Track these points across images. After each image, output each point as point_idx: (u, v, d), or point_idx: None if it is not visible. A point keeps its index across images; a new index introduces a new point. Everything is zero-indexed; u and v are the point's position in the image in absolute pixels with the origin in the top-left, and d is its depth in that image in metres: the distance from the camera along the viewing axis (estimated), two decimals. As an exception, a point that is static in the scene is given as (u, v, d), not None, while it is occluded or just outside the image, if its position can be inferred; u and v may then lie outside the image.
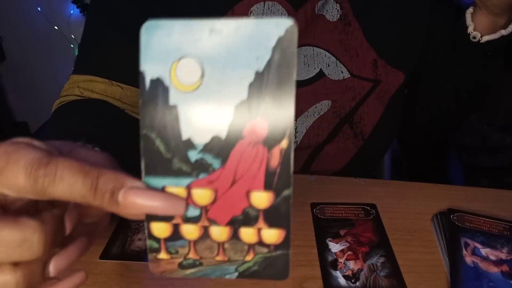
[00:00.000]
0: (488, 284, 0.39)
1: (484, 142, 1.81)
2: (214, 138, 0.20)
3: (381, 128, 0.58)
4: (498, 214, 0.49)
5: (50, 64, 1.79)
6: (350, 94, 0.56)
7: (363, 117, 0.57)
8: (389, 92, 0.58)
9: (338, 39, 0.56)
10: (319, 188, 0.53)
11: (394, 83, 0.58)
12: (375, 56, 0.57)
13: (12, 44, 1.78)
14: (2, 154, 0.21)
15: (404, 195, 0.52)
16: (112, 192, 0.20)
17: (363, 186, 0.53)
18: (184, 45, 0.20)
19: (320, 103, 0.56)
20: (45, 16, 1.69)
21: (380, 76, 0.57)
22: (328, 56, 0.56)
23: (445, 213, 0.48)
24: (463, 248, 0.43)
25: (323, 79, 0.56)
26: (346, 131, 0.57)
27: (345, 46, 0.56)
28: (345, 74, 0.56)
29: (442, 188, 0.54)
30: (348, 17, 0.57)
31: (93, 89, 0.54)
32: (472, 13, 0.51)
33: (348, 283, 0.40)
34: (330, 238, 0.45)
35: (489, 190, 0.53)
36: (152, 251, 0.22)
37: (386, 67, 0.57)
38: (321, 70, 0.56)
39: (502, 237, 0.45)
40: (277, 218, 0.21)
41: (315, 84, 0.56)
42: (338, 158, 0.58)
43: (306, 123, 0.56)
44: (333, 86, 0.56)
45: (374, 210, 0.49)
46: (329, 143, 0.57)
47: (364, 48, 0.57)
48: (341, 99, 0.56)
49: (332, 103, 0.56)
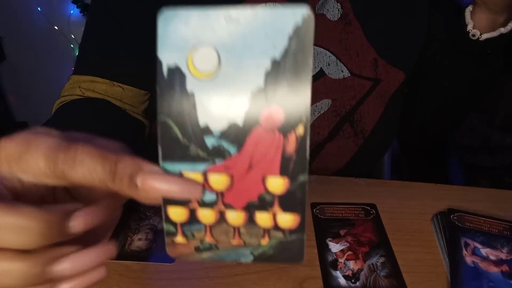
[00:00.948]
0: (488, 284, 0.39)
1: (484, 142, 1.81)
2: (230, 125, 0.21)
3: (381, 126, 0.58)
4: (498, 214, 0.49)
5: (50, 64, 1.79)
6: (351, 93, 0.56)
7: (363, 115, 0.57)
8: (390, 91, 0.58)
9: (339, 39, 0.56)
10: (319, 188, 0.53)
11: (394, 82, 0.58)
12: (375, 56, 0.57)
13: (12, 44, 1.78)
14: (22, 141, 0.22)
15: (404, 195, 0.52)
16: (130, 177, 0.21)
17: (363, 186, 0.53)
18: (201, 33, 0.20)
19: (320, 102, 0.56)
20: (45, 16, 1.69)
21: (381, 75, 0.57)
22: (329, 55, 0.56)
23: (445, 213, 0.48)
24: (463, 248, 0.43)
25: (324, 78, 0.56)
26: (347, 130, 0.57)
27: (345, 46, 0.57)
28: (345, 73, 0.56)
29: (442, 188, 0.54)
30: (349, 17, 0.57)
31: (94, 89, 0.54)
32: (472, 11, 0.51)
33: (348, 283, 0.40)
34: (330, 238, 0.45)
35: (489, 190, 0.53)
36: (169, 235, 0.22)
37: (386, 66, 0.57)
38: (321, 69, 0.56)
39: (502, 237, 0.45)
40: (292, 203, 0.21)
41: (315, 83, 0.56)
42: (339, 157, 0.58)
43: None
44: (333, 85, 0.56)
45: (374, 210, 0.49)
46: (330, 142, 0.57)
47: (364, 48, 0.57)
48: (342, 98, 0.56)
49: (332, 102, 0.56)
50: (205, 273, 0.41)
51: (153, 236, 0.45)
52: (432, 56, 0.59)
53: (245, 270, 0.41)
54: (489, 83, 0.58)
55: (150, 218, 0.48)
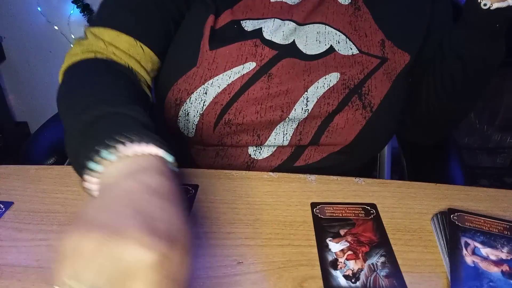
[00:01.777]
0: (488, 284, 0.39)
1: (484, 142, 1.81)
2: None
3: (388, 102, 0.60)
4: (498, 214, 0.49)
5: (50, 64, 1.79)
6: (359, 67, 0.59)
7: (371, 89, 0.59)
8: (396, 70, 0.61)
9: (349, 21, 0.61)
10: (319, 188, 0.53)
11: (400, 62, 0.61)
12: (382, 37, 0.61)
13: (12, 44, 1.78)
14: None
15: (404, 195, 0.52)
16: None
17: (363, 186, 0.53)
18: None
19: (329, 74, 0.58)
20: (45, 16, 1.69)
21: (387, 55, 0.61)
22: (339, 35, 0.60)
23: (445, 213, 0.48)
24: (463, 248, 0.43)
25: (333, 53, 0.59)
26: (355, 102, 0.59)
27: (354, 27, 0.61)
28: (354, 51, 0.60)
29: (442, 188, 0.54)
30: (358, 3, 0.62)
31: (117, 45, 0.56)
32: None
33: (348, 283, 0.40)
34: (330, 238, 0.45)
35: (489, 190, 0.53)
36: None
37: (393, 48, 0.61)
38: (331, 46, 0.60)
39: (502, 237, 0.45)
40: None
41: (325, 58, 0.59)
42: (347, 130, 0.59)
43: (317, 93, 0.58)
44: (342, 60, 0.59)
45: (374, 210, 0.49)
46: (339, 113, 0.59)
47: (373, 30, 0.61)
48: (350, 72, 0.59)
49: (341, 75, 0.59)
50: (205, 273, 0.41)
51: (153, 236, 0.45)
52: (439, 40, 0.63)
53: (245, 270, 0.41)
54: (494, 64, 0.60)
55: (150, 218, 0.48)
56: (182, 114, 0.59)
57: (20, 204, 0.50)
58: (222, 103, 0.57)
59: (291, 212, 0.49)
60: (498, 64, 0.60)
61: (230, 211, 0.49)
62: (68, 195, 0.51)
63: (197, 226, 0.47)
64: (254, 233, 0.46)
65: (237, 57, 0.57)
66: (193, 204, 0.50)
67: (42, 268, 0.41)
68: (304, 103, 0.58)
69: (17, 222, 0.47)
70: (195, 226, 0.47)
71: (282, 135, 0.60)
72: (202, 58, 0.58)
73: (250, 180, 0.54)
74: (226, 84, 0.57)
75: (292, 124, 0.59)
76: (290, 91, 0.58)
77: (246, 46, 0.58)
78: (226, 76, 0.57)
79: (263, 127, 0.59)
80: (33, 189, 0.53)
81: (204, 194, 0.52)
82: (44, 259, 0.42)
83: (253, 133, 0.60)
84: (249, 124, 0.58)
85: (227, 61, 0.57)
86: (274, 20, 0.60)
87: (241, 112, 0.57)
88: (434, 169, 0.72)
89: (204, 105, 0.57)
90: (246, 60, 0.57)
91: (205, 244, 0.44)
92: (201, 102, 0.57)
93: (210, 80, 0.57)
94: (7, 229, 0.46)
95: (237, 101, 0.57)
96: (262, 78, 0.57)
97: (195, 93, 0.57)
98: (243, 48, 0.57)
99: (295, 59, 0.58)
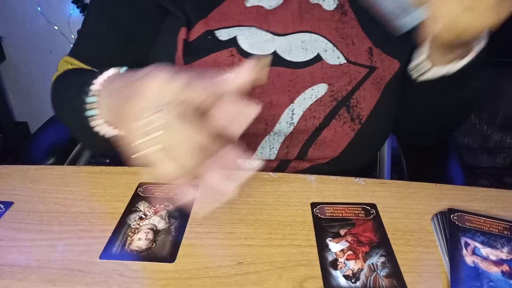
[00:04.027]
0: (488, 284, 0.39)
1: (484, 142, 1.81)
2: None
3: (377, 113, 0.59)
4: (498, 214, 0.49)
5: (50, 64, 1.79)
6: (346, 78, 0.57)
7: (359, 101, 0.57)
8: (385, 78, 0.59)
9: (335, 27, 0.58)
10: (319, 188, 0.53)
11: (389, 70, 0.59)
12: (370, 45, 0.58)
13: (12, 44, 1.78)
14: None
15: (404, 195, 0.52)
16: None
17: (363, 186, 0.53)
18: None
19: (317, 85, 0.57)
20: (45, 16, 1.69)
21: (376, 63, 0.58)
22: (325, 42, 0.58)
23: (445, 213, 0.48)
24: (463, 248, 0.43)
25: (321, 62, 0.57)
26: (343, 115, 0.57)
27: (341, 34, 0.58)
28: (341, 60, 0.58)
29: (442, 188, 0.54)
30: (345, 7, 0.58)
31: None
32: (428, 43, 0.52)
33: (348, 283, 0.40)
34: (330, 238, 0.45)
35: (489, 190, 0.53)
36: None
37: (381, 55, 0.58)
38: (318, 54, 0.57)
39: (502, 237, 0.45)
40: None
41: (312, 67, 0.57)
42: (335, 143, 0.58)
43: (303, 105, 0.56)
44: (330, 70, 0.57)
45: (374, 210, 0.49)
46: (326, 128, 0.58)
47: (360, 37, 0.58)
48: (338, 83, 0.57)
49: (329, 87, 0.57)
50: (205, 273, 0.41)
51: (153, 236, 0.45)
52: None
53: (245, 270, 0.41)
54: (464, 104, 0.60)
55: (150, 218, 0.48)
56: None
57: (20, 204, 0.50)
58: None
59: (291, 212, 0.49)
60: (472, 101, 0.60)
61: (230, 211, 0.49)
62: (68, 195, 0.51)
63: (197, 226, 0.47)
64: (254, 233, 0.46)
65: (214, 69, 0.55)
66: (193, 204, 0.50)
67: (42, 268, 0.41)
68: (289, 115, 0.56)
69: (17, 222, 0.47)
70: (195, 226, 0.47)
71: (269, 149, 0.59)
72: None
73: (250, 180, 0.54)
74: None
75: (278, 138, 0.58)
76: (274, 103, 0.56)
77: (222, 57, 0.55)
78: None
79: (248, 141, 0.57)
80: (33, 189, 0.53)
81: (204, 194, 0.52)
82: (44, 259, 0.42)
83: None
84: None
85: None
86: (249, 29, 0.56)
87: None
88: (434, 169, 0.72)
89: None
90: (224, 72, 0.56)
91: (205, 244, 0.44)
92: None
93: None
94: (7, 229, 0.46)
95: None
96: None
97: None
98: (219, 60, 0.55)
99: (279, 67, 0.56)
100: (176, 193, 0.51)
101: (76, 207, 0.49)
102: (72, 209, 0.49)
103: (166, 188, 0.52)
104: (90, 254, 0.43)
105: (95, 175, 0.56)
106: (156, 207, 0.49)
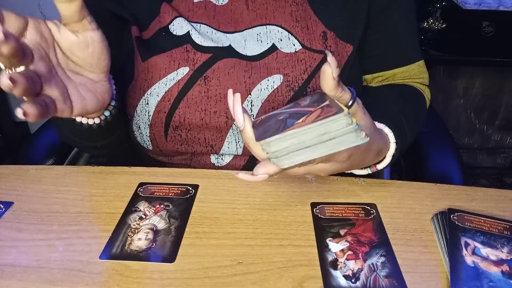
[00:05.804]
0: (488, 284, 0.39)
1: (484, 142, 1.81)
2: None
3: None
4: (498, 214, 0.49)
5: (50, 64, 1.79)
6: (302, 67, 0.58)
7: (316, 89, 0.58)
8: (340, 63, 0.59)
9: (289, 12, 0.60)
10: (319, 188, 0.53)
11: (343, 55, 0.60)
12: (324, 29, 0.59)
13: (12, 44, 1.78)
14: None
15: (404, 195, 0.52)
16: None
17: (363, 186, 0.53)
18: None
19: (272, 76, 0.57)
20: (45, 16, 1.69)
21: (330, 48, 0.59)
22: (281, 32, 0.59)
23: (445, 213, 0.48)
24: (463, 248, 0.43)
25: (275, 52, 0.58)
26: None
27: (295, 17, 0.60)
28: (296, 47, 0.58)
29: (442, 188, 0.54)
30: None
31: None
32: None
33: (348, 283, 0.40)
34: (330, 238, 0.45)
35: (489, 190, 0.53)
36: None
37: (335, 39, 0.59)
38: (273, 44, 0.59)
39: (502, 237, 0.45)
40: None
41: (267, 58, 0.58)
42: None
43: (261, 96, 0.57)
44: (285, 60, 0.58)
45: (374, 210, 0.49)
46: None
47: (313, 21, 0.60)
48: (293, 73, 0.57)
49: (284, 77, 0.57)
50: (205, 273, 0.41)
51: (153, 236, 0.45)
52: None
53: (245, 270, 0.41)
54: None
55: (150, 218, 0.48)
56: (135, 129, 0.59)
57: (20, 204, 0.50)
58: (165, 111, 0.56)
59: (291, 212, 0.49)
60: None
61: (230, 211, 0.49)
62: (68, 195, 0.52)
63: (197, 226, 0.47)
64: (254, 233, 0.46)
65: (169, 64, 0.56)
66: (193, 204, 0.50)
67: (42, 268, 0.41)
68: (248, 108, 0.56)
69: (17, 222, 0.47)
70: (195, 226, 0.47)
71: (235, 144, 0.59)
72: (138, 71, 0.57)
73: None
74: (164, 92, 0.56)
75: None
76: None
77: (178, 52, 0.57)
78: (162, 84, 0.56)
79: (213, 135, 0.58)
80: (33, 189, 0.53)
81: (204, 194, 0.52)
82: (44, 259, 0.42)
83: (206, 144, 0.59)
84: (196, 130, 0.57)
85: (160, 69, 0.56)
86: (200, 26, 0.59)
87: (185, 118, 0.56)
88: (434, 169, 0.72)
89: (149, 116, 0.57)
90: (179, 65, 0.56)
91: (205, 244, 0.44)
92: (146, 114, 0.57)
93: (149, 90, 0.56)
94: (7, 229, 0.46)
95: (178, 107, 0.56)
96: (198, 81, 0.56)
97: (139, 105, 0.57)
98: (175, 55, 0.57)
99: (234, 59, 0.57)
100: (176, 193, 0.51)
101: (76, 207, 0.49)
102: (72, 209, 0.49)
103: (166, 188, 0.52)
104: (90, 254, 0.43)
105: (95, 175, 0.56)
106: (156, 207, 0.49)
